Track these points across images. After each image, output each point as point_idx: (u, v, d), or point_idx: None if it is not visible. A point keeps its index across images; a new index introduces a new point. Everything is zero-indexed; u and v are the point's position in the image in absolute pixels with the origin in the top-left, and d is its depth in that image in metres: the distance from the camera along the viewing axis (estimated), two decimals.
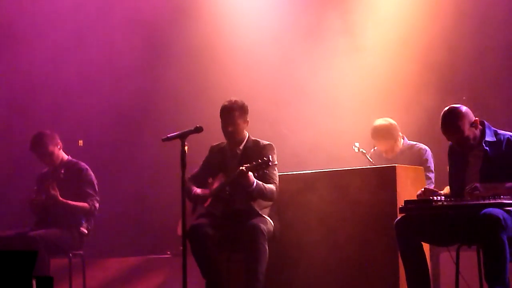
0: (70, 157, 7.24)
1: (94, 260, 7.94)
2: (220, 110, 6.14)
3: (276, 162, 6.00)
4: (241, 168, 5.79)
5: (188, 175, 5.88)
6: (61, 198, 6.88)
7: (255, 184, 5.83)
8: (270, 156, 5.82)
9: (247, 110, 6.15)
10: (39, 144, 7.11)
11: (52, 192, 6.85)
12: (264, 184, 5.90)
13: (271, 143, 6.14)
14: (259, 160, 5.80)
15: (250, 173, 5.79)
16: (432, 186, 6.40)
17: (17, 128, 8.80)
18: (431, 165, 6.70)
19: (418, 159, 6.65)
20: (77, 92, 9.06)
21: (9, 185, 8.61)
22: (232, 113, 6.06)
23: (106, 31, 9.08)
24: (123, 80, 9.10)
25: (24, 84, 8.90)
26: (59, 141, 7.16)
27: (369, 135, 6.93)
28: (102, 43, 9.09)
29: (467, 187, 5.13)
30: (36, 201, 7.05)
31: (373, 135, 6.89)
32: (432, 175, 6.63)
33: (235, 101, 6.12)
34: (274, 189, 5.98)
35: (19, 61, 8.86)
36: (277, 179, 6.03)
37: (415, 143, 6.85)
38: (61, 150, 7.18)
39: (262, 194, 5.92)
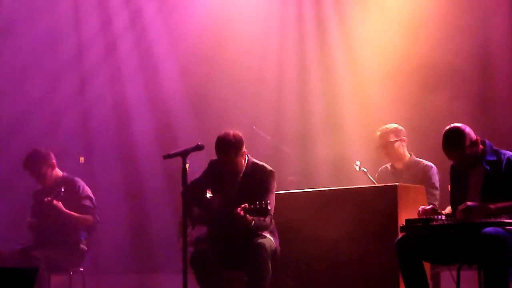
0: (65, 174, 7.23)
1: (94, 277, 7.92)
2: (216, 148, 5.88)
3: (274, 190, 5.86)
4: (237, 211, 5.60)
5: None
6: (64, 209, 6.89)
7: (253, 223, 5.71)
8: (268, 204, 5.57)
9: (243, 142, 5.89)
10: (32, 165, 7.09)
11: (55, 203, 6.85)
12: (260, 220, 5.72)
13: (272, 169, 5.95)
14: (257, 204, 5.58)
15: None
16: (436, 203, 6.41)
17: (17, 139, 8.76)
18: (436, 182, 6.64)
19: (423, 176, 6.63)
20: (78, 107, 9.06)
21: (6, 199, 8.59)
22: (229, 154, 5.86)
23: (108, 39, 9.10)
24: (125, 90, 9.13)
25: (22, 97, 8.88)
26: (53, 160, 7.12)
27: (372, 154, 6.85)
28: (101, 56, 9.10)
29: (459, 206, 5.13)
30: (33, 224, 7.06)
31: (378, 135, 6.77)
32: (436, 192, 6.59)
33: (228, 140, 5.84)
34: (269, 220, 5.82)
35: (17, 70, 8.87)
36: (273, 207, 5.84)
37: (421, 160, 6.83)
38: (56, 168, 7.15)
39: (258, 229, 5.81)
